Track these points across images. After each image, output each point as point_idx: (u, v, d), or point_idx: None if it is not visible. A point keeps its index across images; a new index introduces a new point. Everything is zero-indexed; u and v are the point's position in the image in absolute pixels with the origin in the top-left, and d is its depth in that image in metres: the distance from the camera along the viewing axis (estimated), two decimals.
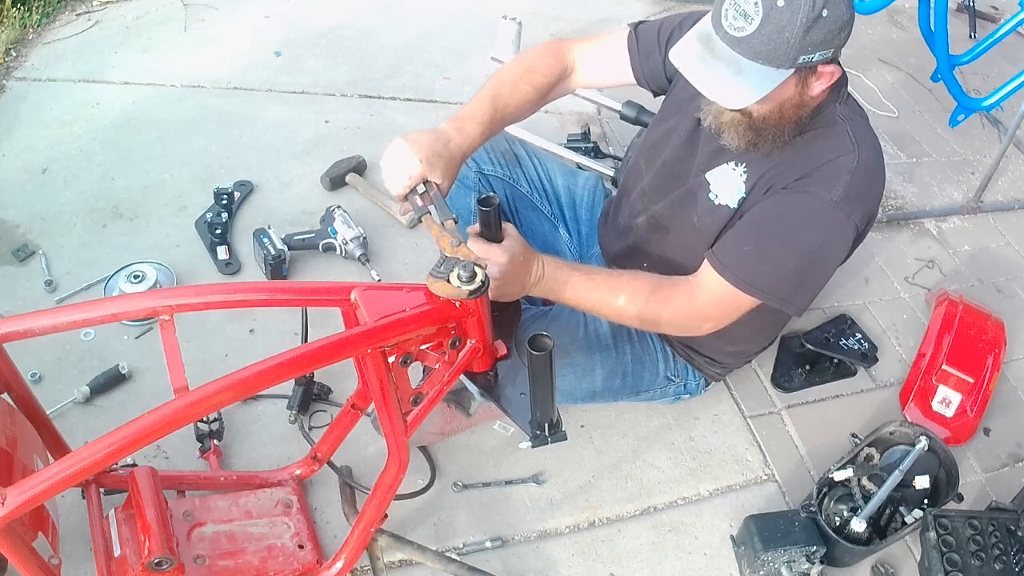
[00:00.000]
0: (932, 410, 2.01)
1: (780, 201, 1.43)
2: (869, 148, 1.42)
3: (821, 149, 1.42)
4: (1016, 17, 2.61)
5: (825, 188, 1.39)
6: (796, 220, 1.41)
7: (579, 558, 1.68)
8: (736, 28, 1.24)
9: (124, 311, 1.16)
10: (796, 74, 1.29)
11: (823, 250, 1.43)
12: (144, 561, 1.30)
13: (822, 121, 1.43)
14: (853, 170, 1.38)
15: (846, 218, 1.39)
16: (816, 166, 1.41)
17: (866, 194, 1.42)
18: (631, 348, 1.73)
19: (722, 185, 1.51)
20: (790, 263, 1.43)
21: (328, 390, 1.85)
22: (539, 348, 1.16)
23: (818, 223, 1.41)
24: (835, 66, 1.33)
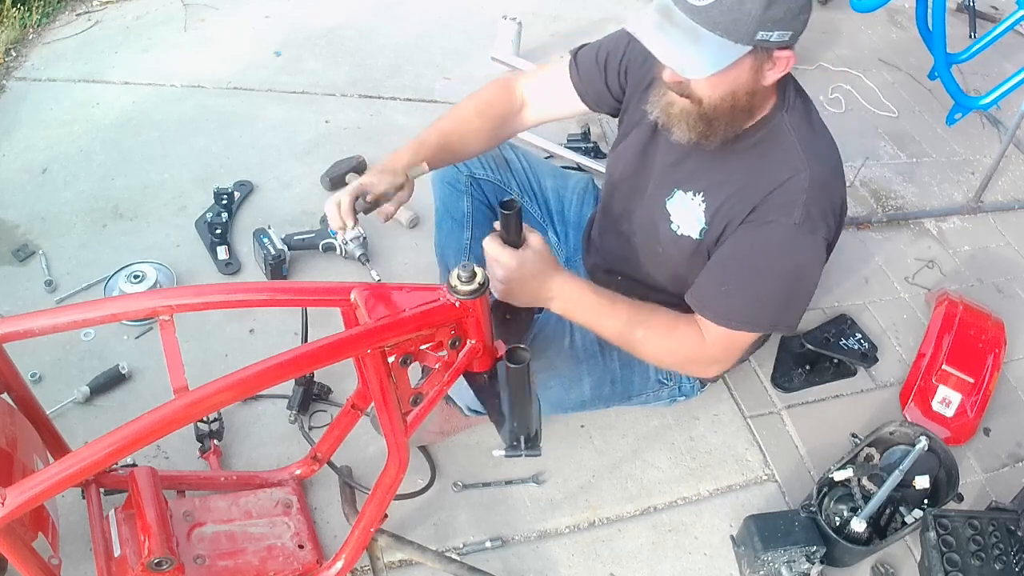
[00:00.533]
0: (932, 410, 2.01)
1: (745, 236, 1.43)
2: (820, 159, 1.41)
3: (772, 169, 1.40)
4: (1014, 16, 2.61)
5: (785, 214, 1.38)
6: (765, 251, 1.41)
7: (579, 558, 1.68)
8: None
9: (124, 311, 1.16)
10: (753, 55, 1.26)
11: (798, 271, 1.42)
12: (144, 561, 1.30)
13: (769, 134, 1.41)
14: (807, 189, 1.37)
15: (812, 236, 1.39)
16: (769, 190, 1.39)
17: (826, 207, 1.40)
18: (619, 354, 1.72)
19: (682, 216, 1.51)
20: (769, 291, 1.43)
21: (328, 390, 1.85)
22: (516, 361, 1.16)
23: (787, 249, 1.40)
24: (791, 52, 1.30)
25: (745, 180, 1.42)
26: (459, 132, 1.64)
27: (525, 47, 2.93)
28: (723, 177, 1.45)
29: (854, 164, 2.81)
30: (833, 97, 3.16)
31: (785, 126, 1.40)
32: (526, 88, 1.69)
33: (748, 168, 1.42)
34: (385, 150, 2.52)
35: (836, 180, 1.43)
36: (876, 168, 2.87)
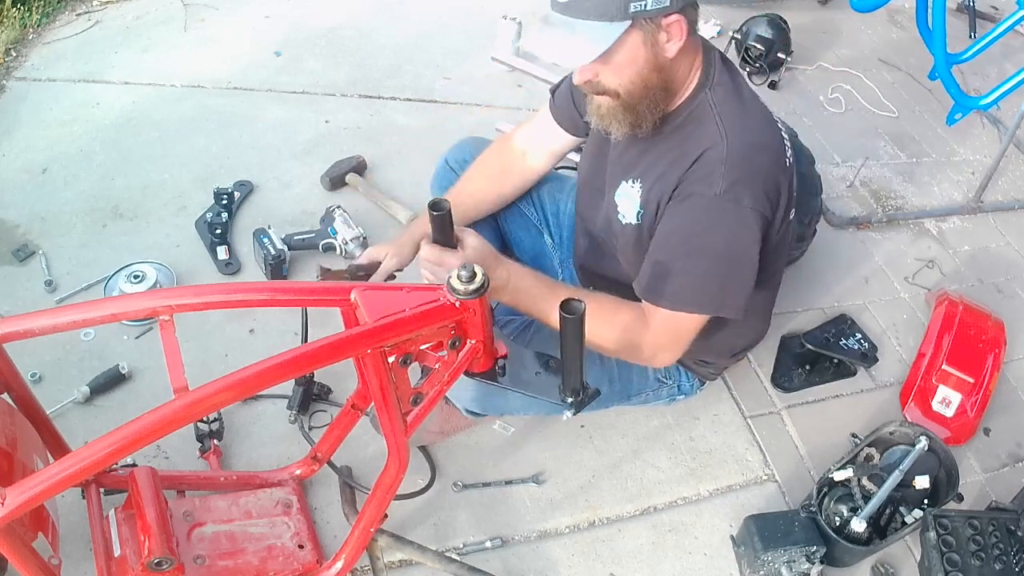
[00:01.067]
0: (932, 410, 2.01)
1: (672, 214, 1.43)
2: (741, 130, 1.39)
3: (692, 144, 1.41)
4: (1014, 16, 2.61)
5: (705, 186, 1.37)
6: (692, 226, 1.40)
7: (579, 558, 1.68)
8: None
9: (124, 311, 1.16)
10: (638, 29, 1.28)
11: (729, 245, 1.40)
12: (144, 561, 1.30)
13: (693, 113, 1.42)
14: (725, 159, 1.36)
15: (736, 206, 1.36)
16: (688, 165, 1.40)
17: (751, 176, 1.37)
18: None
19: (625, 204, 1.53)
20: (703, 267, 1.41)
21: (328, 390, 1.85)
22: (571, 312, 1.15)
23: (712, 220, 1.38)
24: (679, 17, 1.30)
25: (670, 158, 1.44)
26: (467, 193, 1.77)
27: (525, 47, 2.93)
28: (654, 159, 1.47)
29: (854, 164, 2.81)
30: (833, 97, 3.16)
31: (708, 103, 1.41)
32: (521, 138, 1.79)
33: (673, 146, 1.44)
34: (385, 150, 2.53)
35: (760, 149, 1.40)
36: (876, 168, 2.87)
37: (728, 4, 3.46)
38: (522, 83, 2.89)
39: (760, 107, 1.47)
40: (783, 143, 1.45)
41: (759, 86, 3.11)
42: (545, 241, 1.93)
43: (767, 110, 1.48)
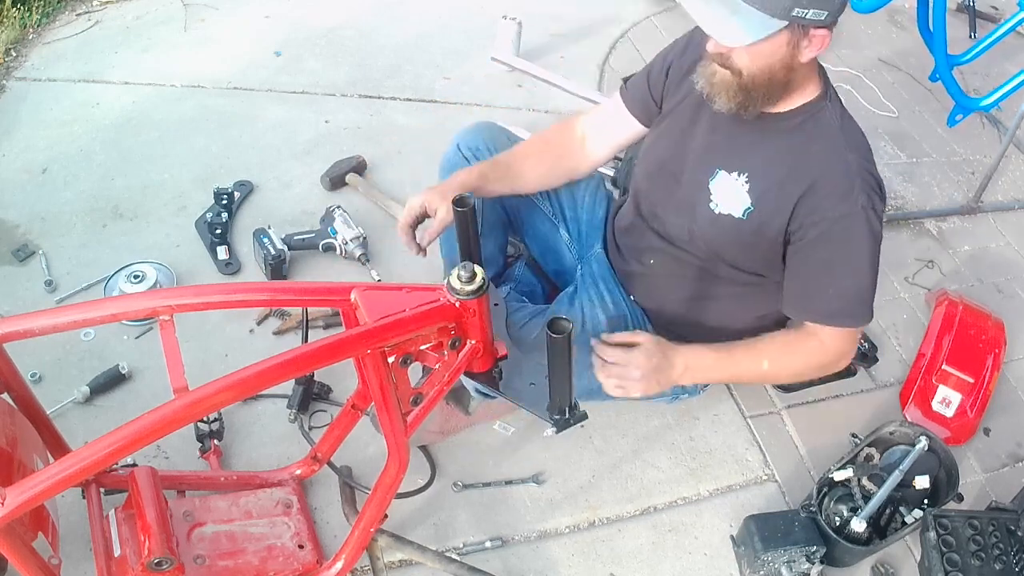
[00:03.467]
0: (932, 410, 2.01)
1: (825, 241, 1.49)
2: (859, 146, 1.49)
3: (818, 155, 1.47)
4: (1015, 17, 2.61)
5: (848, 203, 1.44)
6: (848, 243, 1.48)
7: (579, 558, 1.68)
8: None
9: (124, 311, 1.17)
10: (789, 30, 1.33)
11: (876, 251, 1.50)
12: (144, 561, 1.30)
13: (811, 119, 1.48)
14: (859, 173, 1.45)
15: (876, 213, 1.46)
16: (818, 176, 1.46)
17: (875, 186, 1.47)
18: None
19: (724, 195, 1.56)
20: (866, 277, 1.51)
21: (328, 390, 1.85)
22: (558, 331, 1.16)
23: (865, 234, 1.47)
24: (827, 32, 1.35)
25: (791, 163, 1.49)
26: (516, 161, 1.76)
27: (525, 47, 2.93)
28: (767, 158, 1.51)
29: None
30: None
31: (827, 114, 1.48)
32: (585, 123, 1.80)
33: (792, 150, 1.49)
34: (385, 150, 2.53)
35: (871, 159, 1.51)
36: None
37: None
38: (522, 83, 2.89)
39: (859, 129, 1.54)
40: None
41: None
42: (561, 236, 1.91)
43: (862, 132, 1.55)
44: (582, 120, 1.81)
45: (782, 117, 1.49)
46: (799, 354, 1.59)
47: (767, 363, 1.58)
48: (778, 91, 1.43)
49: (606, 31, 3.28)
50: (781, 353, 1.58)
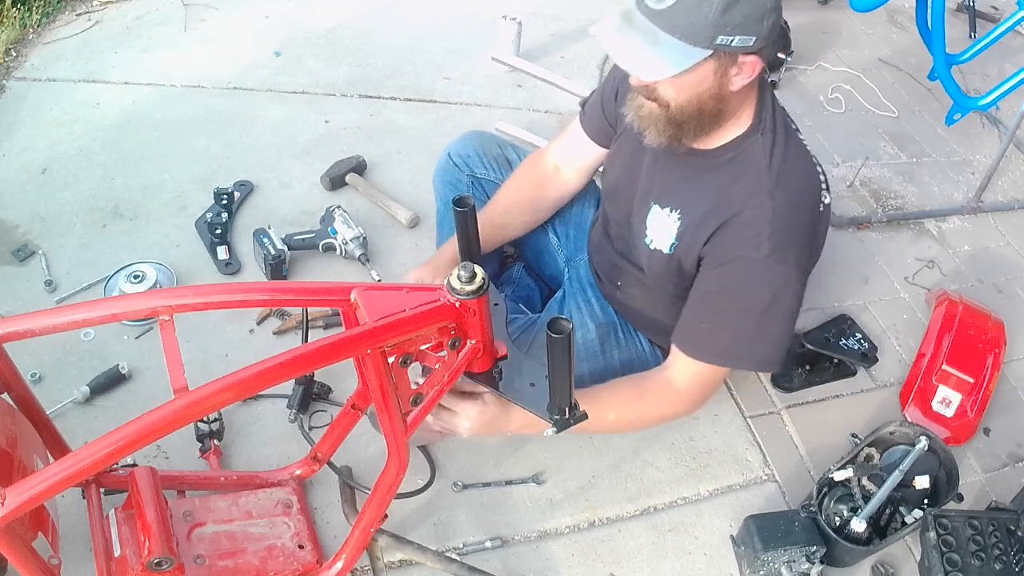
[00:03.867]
0: (932, 410, 2.01)
1: (718, 275, 1.45)
2: (787, 187, 1.40)
3: (737, 194, 1.41)
4: (1015, 16, 2.61)
5: (752, 248, 1.39)
6: (738, 287, 1.43)
7: (579, 558, 1.68)
8: (655, 1, 1.24)
9: (124, 311, 1.16)
10: (715, 59, 1.27)
11: (775, 303, 1.43)
12: (144, 561, 1.30)
13: (741, 155, 1.42)
14: (771, 220, 1.38)
15: (783, 266, 1.40)
16: (731, 215, 1.41)
17: (795, 235, 1.40)
18: (619, 352, 1.74)
19: (656, 230, 1.53)
20: (749, 327, 1.45)
21: (328, 390, 1.85)
22: (558, 331, 1.16)
23: (760, 283, 1.41)
24: (756, 58, 1.29)
25: (713, 200, 1.44)
26: (500, 218, 1.75)
27: (525, 47, 2.93)
28: (696, 195, 1.47)
29: (854, 164, 2.81)
30: (833, 97, 3.16)
31: (757, 150, 1.41)
32: (554, 153, 1.78)
33: (717, 188, 1.44)
34: (385, 150, 2.53)
35: (804, 208, 1.43)
36: (876, 168, 2.87)
37: None
38: (522, 83, 2.89)
39: (803, 153, 1.46)
40: (820, 186, 1.46)
41: None
42: (550, 239, 1.92)
43: (808, 153, 1.47)
44: (551, 151, 1.78)
45: (712, 154, 1.44)
46: (645, 404, 1.53)
47: (613, 415, 1.51)
48: (709, 122, 1.37)
49: None
50: (630, 404, 1.52)
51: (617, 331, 1.74)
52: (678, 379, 1.51)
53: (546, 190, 1.78)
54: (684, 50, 1.25)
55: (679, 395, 1.53)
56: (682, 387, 1.52)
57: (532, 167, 1.80)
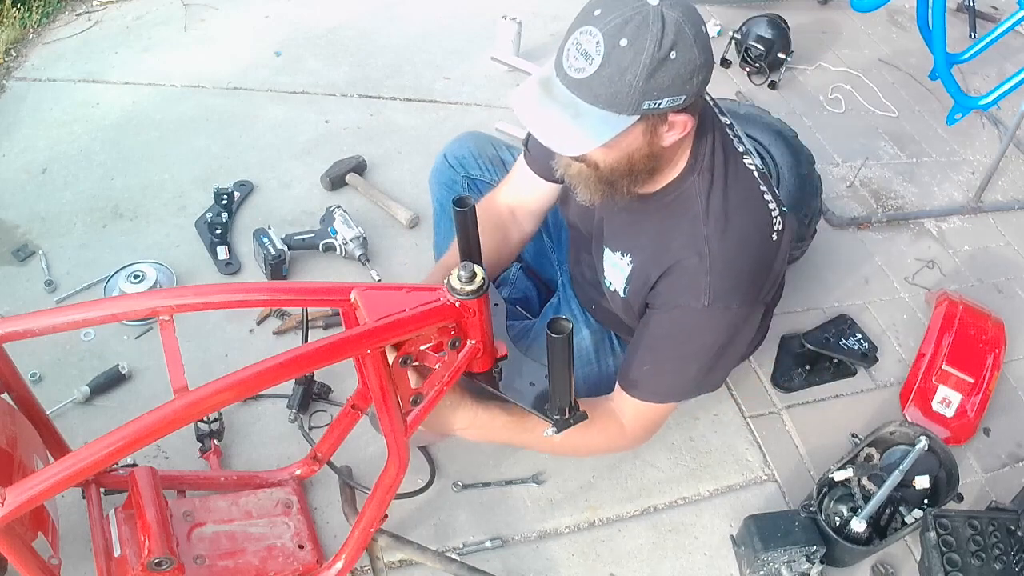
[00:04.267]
0: (932, 410, 2.01)
1: (659, 322, 1.42)
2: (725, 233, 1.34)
3: (674, 242, 1.37)
4: (1015, 16, 2.61)
5: (692, 298, 1.35)
6: (681, 334, 1.41)
7: (579, 558, 1.68)
8: (576, 69, 1.15)
9: (124, 311, 1.16)
10: (643, 122, 1.19)
11: (719, 346, 1.41)
12: (144, 561, 1.30)
13: (678, 199, 1.36)
14: (709, 271, 1.33)
15: (725, 311, 1.36)
16: (670, 264, 1.37)
17: (736, 281, 1.36)
18: (613, 360, 1.73)
19: (611, 272, 1.52)
20: (692, 368, 1.44)
21: (328, 390, 1.85)
22: (558, 331, 1.16)
23: (703, 328, 1.39)
24: (687, 116, 1.22)
25: (654, 246, 1.41)
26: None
27: (525, 47, 2.93)
28: (641, 240, 1.44)
29: (854, 164, 2.82)
30: (833, 97, 3.16)
31: (694, 192, 1.35)
32: (505, 195, 1.68)
33: (657, 233, 1.40)
34: (385, 150, 2.53)
35: (749, 247, 1.37)
36: (876, 168, 2.87)
37: (728, 4, 3.47)
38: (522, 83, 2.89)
39: (746, 187, 1.39)
40: (770, 216, 1.39)
41: (759, 86, 3.11)
42: (545, 241, 1.92)
43: (753, 183, 1.40)
44: (501, 195, 1.68)
45: (654, 197, 1.38)
46: (595, 433, 1.47)
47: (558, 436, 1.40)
48: (642, 177, 1.30)
49: None
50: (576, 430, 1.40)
51: (611, 338, 1.74)
52: (623, 415, 1.49)
53: (508, 234, 1.68)
54: (608, 119, 1.17)
55: (623, 431, 1.50)
56: (626, 423, 1.49)
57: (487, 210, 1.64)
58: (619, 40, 1.12)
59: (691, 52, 1.16)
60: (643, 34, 1.12)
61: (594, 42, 1.13)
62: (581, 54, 1.15)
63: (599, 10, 1.14)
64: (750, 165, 1.42)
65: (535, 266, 1.95)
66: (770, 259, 1.41)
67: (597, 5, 1.15)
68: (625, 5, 1.13)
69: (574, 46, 1.16)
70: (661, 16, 1.12)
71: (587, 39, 1.14)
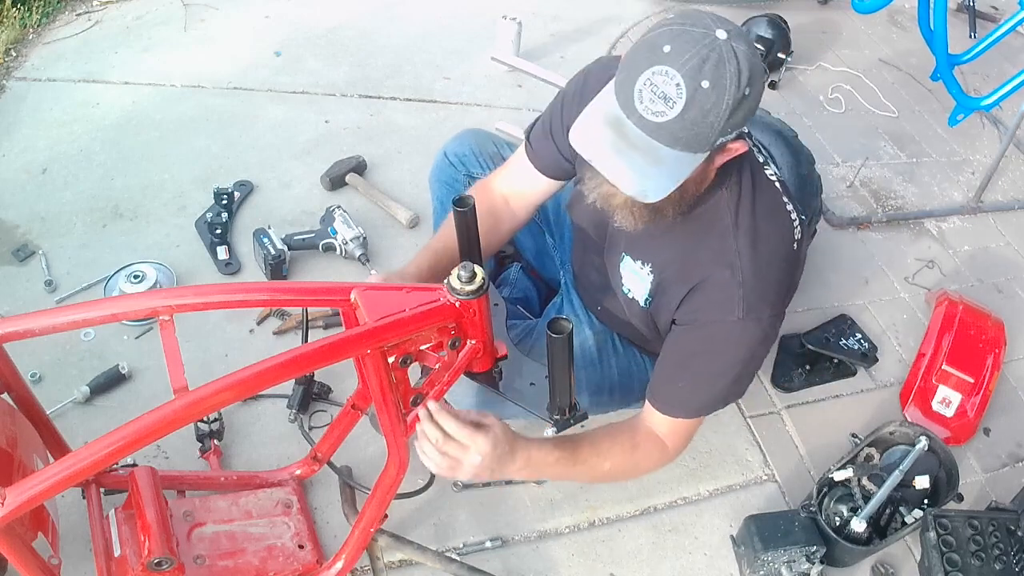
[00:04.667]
0: (932, 410, 2.01)
1: (693, 339, 1.41)
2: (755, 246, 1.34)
3: (705, 257, 1.36)
4: (1016, 16, 2.61)
5: (726, 312, 1.35)
6: (715, 349, 1.40)
7: (579, 558, 1.68)
8: (655, 112, 1.10)
9: (124, 311, 1.16)
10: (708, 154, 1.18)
11: (749, 356, 1.42)
12: (144, 561, 1.30)
13: (707, 211, 1.35)
14: (742, 284, 1.33)
15: (758, 323, 1.36)
16: (701, 280, 1.36)
17: (767, 292, 1.36)
18: (616, 361, 1.72)
19: (632, 281, 1.51)
20: (726, 380, 1.43)
21: (328, 390, 1.85)
22: (558, 331, 1.16)
23: (736, 342, 1.38)
24: (742, 142, 1.22)
25: (681, 261, 1.40)
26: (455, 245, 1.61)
27: (525, 47, 2.93)
28: (665, 252, 1.43)
29: (854, 164, 2.82)
30: (833, 97, 3.16)
31: (723, 205, 1.34)
32: (501, 183, 1.65)
33: (684, 249, 1.39)
34: (385, 150, 2.53)
35: (776, 259, 1.38)
36: (876, 168, 2.87)
37: (728, 4, 3.47)
38: (522, 83, 2.89)
39: (771, 198, 1.39)
40: (792, 228, 1.41)
41: None
42: (546, 240, 1.92)
43: (776, 194, 1.41)
44: (497, 183, 1.65)
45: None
46: (638, 455, 1.48)
47: (609, 464, 1.46)
48: (689, 203, 1.29)
49: (606, 31, 3.28)
50: (626, 454, 1.47)
51: (614, 339, 1.74)
52: (662, 433, 1.49)
53: (499, 221, 1.65)
54: (684, 159, 1.15)
55: (666, 449, 1.50)
56: (668, 442, 1.50)
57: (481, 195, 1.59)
58: (701, 82, 1.08)
59: (759, 85, 1.14)
60: (722, 73, 1.08)
61: (673, 84, 1.09)
62: (660, 97, 1.10)
63: (668, 47, 1.09)
64: (771, 176, 1.42)
65: (536, 265, 1.95)
66: (794, 267, 1.43)
67: (663, 40, 1.10)
68: (695, 41, 1.09)
69: (648, 88, 1.10)
70: (734, 52, 1.09)
71: (664, 80, 1.09)
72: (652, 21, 3.36)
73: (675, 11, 1.19)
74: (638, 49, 1.13)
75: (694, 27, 1.10)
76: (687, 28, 1.10)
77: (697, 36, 1.09)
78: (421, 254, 1.60)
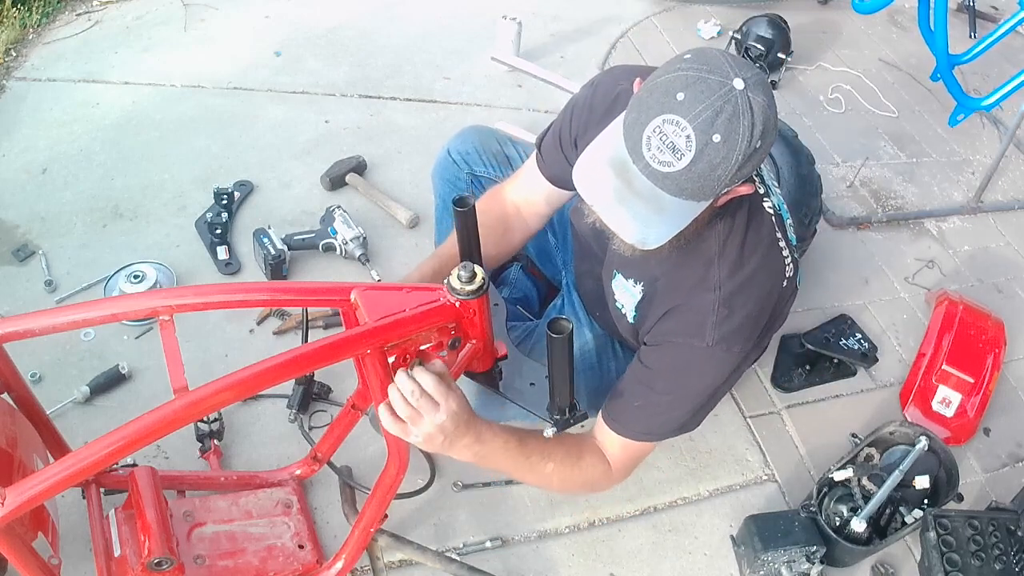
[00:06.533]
0: (932, 410, 2.01)
1: (658, 358, 1.39)
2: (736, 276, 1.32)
3: (687, 279, 1.34)
4: (1016, 16, 2.61)
5: (696, 336, 1.33)
6: (680, 372, 1.38)
7: (579, 558, 1.68)
8: (662, 163, 1.08)
9: (124, 311, 1.16)
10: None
11: (712, 387, 1.39)
12: (144, 561, 1.30)
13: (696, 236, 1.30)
14: (716, 310, 1.31)
15: (727, 353, 1.34)
16: (678, 303, 1.35)
17: (741, 326, 1.33)
18: (616, 364, 1.72)
19: (621, 296, 1.50)
20: (684, 409, 1.41)
21: (328, 390, 1.85)
22: (558, 331, 1.16)
23: (702, 370, 1.37)
24: (749, 184, 1.19)
25: (662, 283, 1.39)
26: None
27: (525, 47, 2.93)
28: (651, 271, 1.41)
29: (854, 164, 2.82)
30: (833, 97, 3.16)
31: (713, 235, 1.32)
32: (512, 192, 1.65)
33: (666, 271, 1.38)
34: (385, 150, 2.53)
35: (758, 296, 1.34)
36: (876, 168, 2.87)
37: (728, 4, 3.47)
38: (522, 83, 2.89)
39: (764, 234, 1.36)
40: (783, 265, 1.38)
41: None
42: (548, 239, 1.92)
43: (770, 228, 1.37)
44: (508, 192, 1.64)
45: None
46: (581, 468, 1.44)
47: (552, 466, 1.41)
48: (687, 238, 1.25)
49: (606, 31, 3.28)
50: (570, 460, 1.42)
51: (614, 343, 1.73)
52: (609, 452, 1.47)
53: (510, 231, 1.66)
54: (687, 207, 1.14)
55: (609, 471, 1.47)
56: (613, 461, 1.47)
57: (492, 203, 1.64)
58: (712, 136, 1.06)
59: (773, 135, 1.12)
60: (735, 127, 1.06)
61: (683, 136, 1.06)
62: (668, 147, 1.07)
63: (682, 94, 1.06)
64: (768, 208, 1.39)
65: (538, 263, 1.95)
66: (778, 305, 1.39)
67: (677, 87, 1.07)
68: (711, 91, 1.06)
69: (657, 136, 1.08)
70: (750, 104, 1.06)
71: (674, 131, 1.06)
72: (652, 21, 3.36)
73: (693, 51, 1.14)
74: (652, 92, 1.10)
75: (711, 74, 1.06)
76: (703, 76, 1.07)
77: (713, 85, 1.06)
78: (427, 260, 1.61)
